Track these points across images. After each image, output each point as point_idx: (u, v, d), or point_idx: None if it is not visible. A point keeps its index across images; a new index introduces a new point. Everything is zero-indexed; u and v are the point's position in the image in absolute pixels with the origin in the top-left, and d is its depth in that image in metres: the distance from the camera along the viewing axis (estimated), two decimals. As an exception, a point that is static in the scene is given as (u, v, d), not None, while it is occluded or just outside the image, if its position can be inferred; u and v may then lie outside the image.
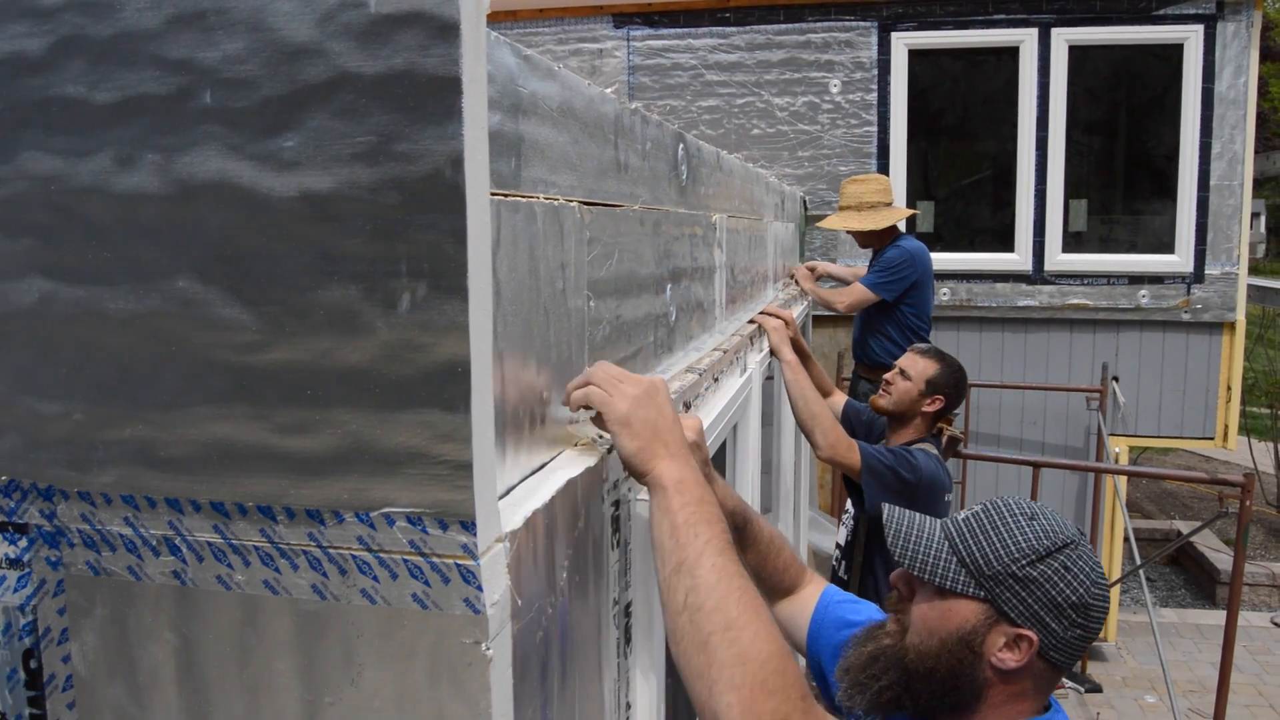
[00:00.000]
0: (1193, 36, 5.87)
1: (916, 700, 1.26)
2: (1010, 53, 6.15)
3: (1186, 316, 6.09)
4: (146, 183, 0.79)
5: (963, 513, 1.33)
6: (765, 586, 1.59)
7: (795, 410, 2.96)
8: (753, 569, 1.53)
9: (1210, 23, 5.84)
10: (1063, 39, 6.03)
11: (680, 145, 1.85)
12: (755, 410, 2.61)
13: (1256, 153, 6.60)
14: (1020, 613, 1.22)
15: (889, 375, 3.12)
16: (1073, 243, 6.25)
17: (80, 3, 0.78)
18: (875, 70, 6.25)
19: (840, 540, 3.36)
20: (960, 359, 3.19)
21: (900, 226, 4.84)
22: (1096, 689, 5.73)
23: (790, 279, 4.62)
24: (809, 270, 4.81)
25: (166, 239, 0.79)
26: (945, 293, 6.23)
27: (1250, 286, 7.59)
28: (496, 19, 6.41)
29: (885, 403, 3.09)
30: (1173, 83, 6.01)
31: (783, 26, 6.32)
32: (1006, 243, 6.28)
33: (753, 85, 6.40)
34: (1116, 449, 6.24)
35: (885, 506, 1.38)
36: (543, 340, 1.05)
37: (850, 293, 4.68)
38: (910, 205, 6.16)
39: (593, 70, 6.48)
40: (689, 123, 6.40)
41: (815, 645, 1.58)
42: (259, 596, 0.82)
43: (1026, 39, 6.06)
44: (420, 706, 0.79)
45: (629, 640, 1.31)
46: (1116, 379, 6.25)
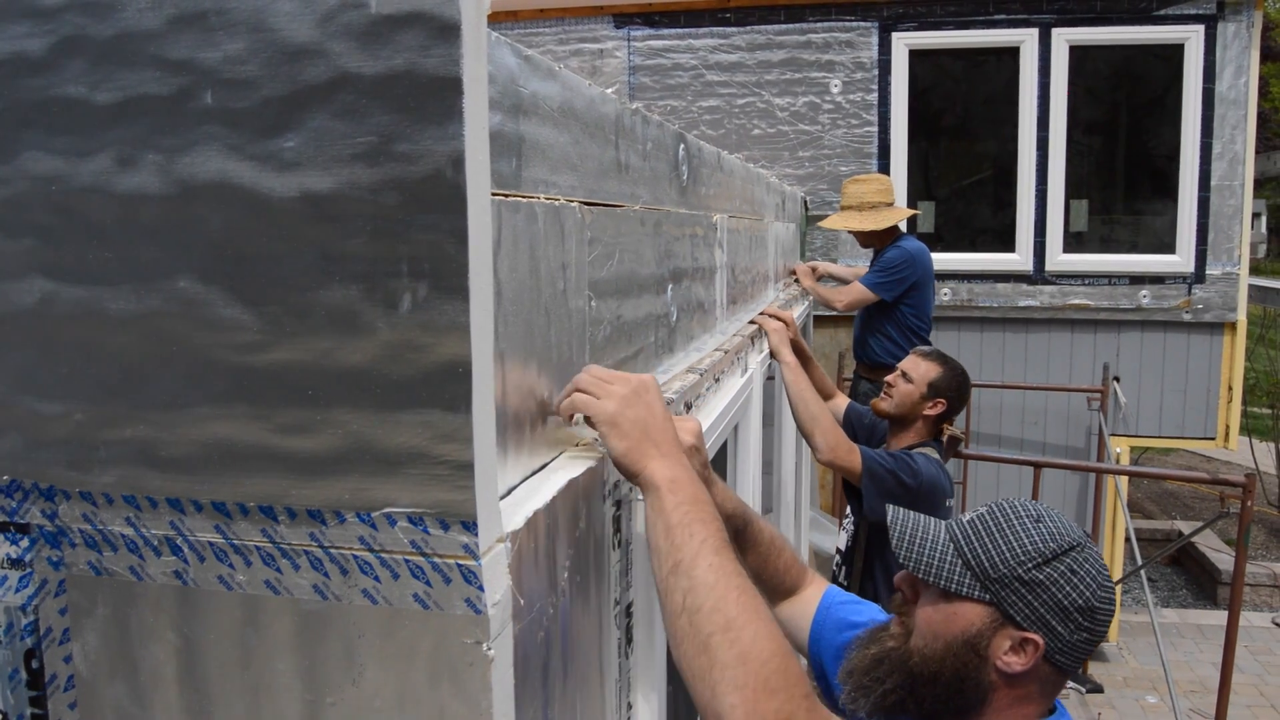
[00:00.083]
0: (1193, 36, 5.87)
1: (921, 704, 1.25)
2: (1011, 53, 6.15)
3: (1188, 317, 6.09)
4: (147, 183, 0.79)
5: (968, 515, 1.32)
6: (766, 588, 1.58)
7: (795, 412, 2.94)
8: (753, 571, 1.52)
9: (1211, 23, 5.84)
10: (1063, 39, 6.03)
11: (681, 145, 1.85)
12: (756, 410, 2.61)
13: (1257, 153, 6.60)
14: (1026, 616, 1.21)
15: (890, 378, 3.09)
16: (1074, 243, 6.25)
17: (81, 3, 0.78)
18: (876, 70, 6.25)
19: (840, 545, 3.33)
20: (961, 359, 3.17)
21: (902, 227, 4.84)
22: (1098, 689, 5.72)
23: (791, 276, 4.62)
24: (810, 269, 4.81)
25: (167, 239, 0.79)
26: (946, 293, 6.23)
27: (1251, 286, 7.59)
28: (497, 19, 6.41)
29: (886, 406, 3.07)
30: (1173, 83, 6.01)
31: (783, 27, 6.33)
32: (1007, 243, 6.28)
33: (753, 85, 6.40)
34: (1117, 449, 6.24)
35: (890, 508, 1.37)
36: (544, 340, 1.05)
37: (849, 292, 4.69)
38: (911, 205, 6.16)
39: (593, 70, 6.48)
40: (690, 123, 6.40)
41: (817, 647, 1.58)
42: (260, 596, 0.82)
43: (1027, 39, 6.06)
44: (421, 706, 0.79)
45: (630, 640, 1.31)
46: (1118, 379, 6.25)
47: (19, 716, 0.90)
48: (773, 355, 2.95)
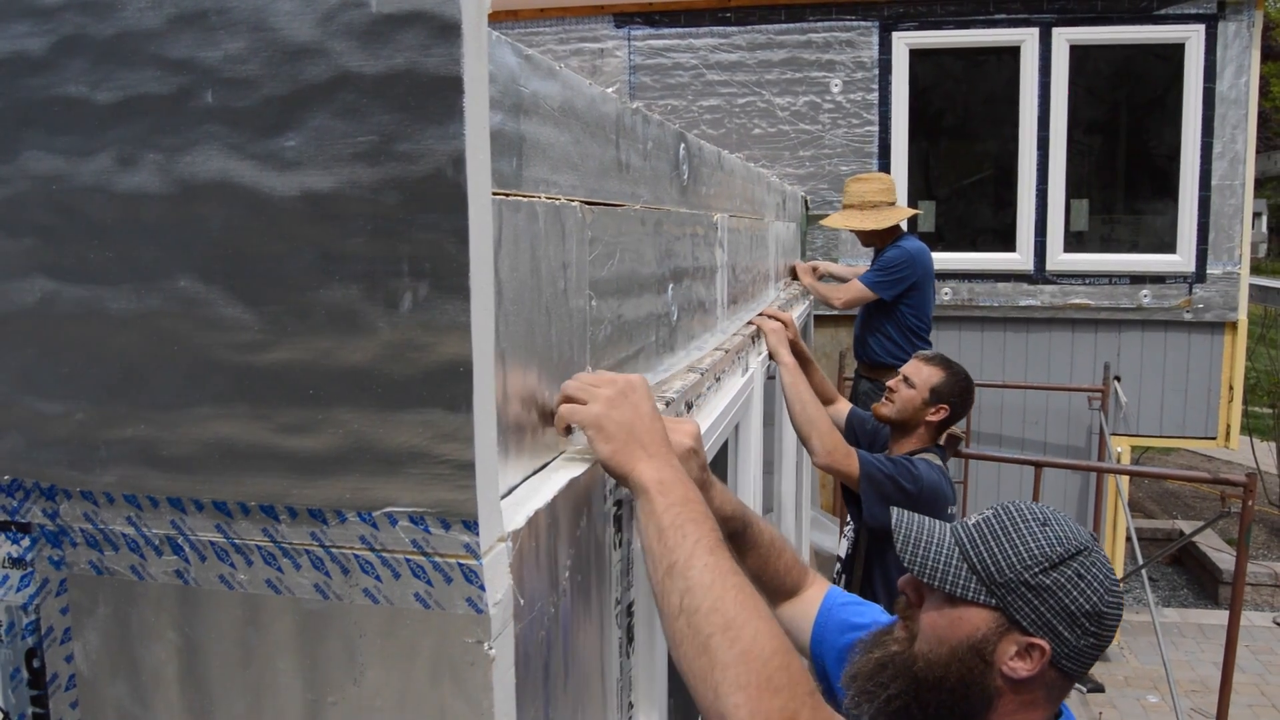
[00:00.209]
0: (1194, 36, 5.87)
1: (925, 709, 1.24)
2: (1011, 52, 6.14)
3: (1188, 316, 6.09)
4: (148, 182, 0.79)
5: (973, 518, 1.31)
6: (767, 589, 1.56)
7: (792, 415, 2.90)
8: (754, 572, 1.51)
9: (1211, 22, 5.84)
10: (1064, 39, 6.02)
11: (681, 145, 1.85)
12: (757, 410, 2.61)
13: (1258, 152, 6.60)
14: (1032, 621, 1.20)
15: (892, 382, 3.03)
16: (1074, 242, 6.25)
17: (81, 2, 0.78)
18: (876, 70, 6.25)
19: (841, 553, 3.29)
20: (962, 359, 3.14)
21: (903, 226, 4.84)
22: (1099, 689, 5.72)
23: (791, 274, 4.62)
24: (810, 268, 4.81)
25: (168, 239, 0.79)
26: (947, 292, 6.23)
27: (1252, 286, 7.59)
28: (498, 19, 6.41)
29: (888, 411, 3.01)
30: (1174, 82, 6.01)
31: (784, 26, 6.33)
32: (1008, 242, 6.28)
33: (754, 85, 6.40)
34: (1118, 449, 6.23)
35: (894, 511, 1.36)
36: (544, 340, 1.05)
37: (848, 290, 4.69)
38: (912, 205, 6.16)
39: (594, 70, 6.48)
40: (690, 122, 6.40)
41: (819, 648, 1.57)
42: (261, 596, 0.82)
43: (1028, 38, 6.06)
44: (422, 706, 0.79)
45: (631, 640, 1.31)
46: (1118, 379, 6.25)
47: (20, 716, 0.90)
48: (771, 356, 2.91)
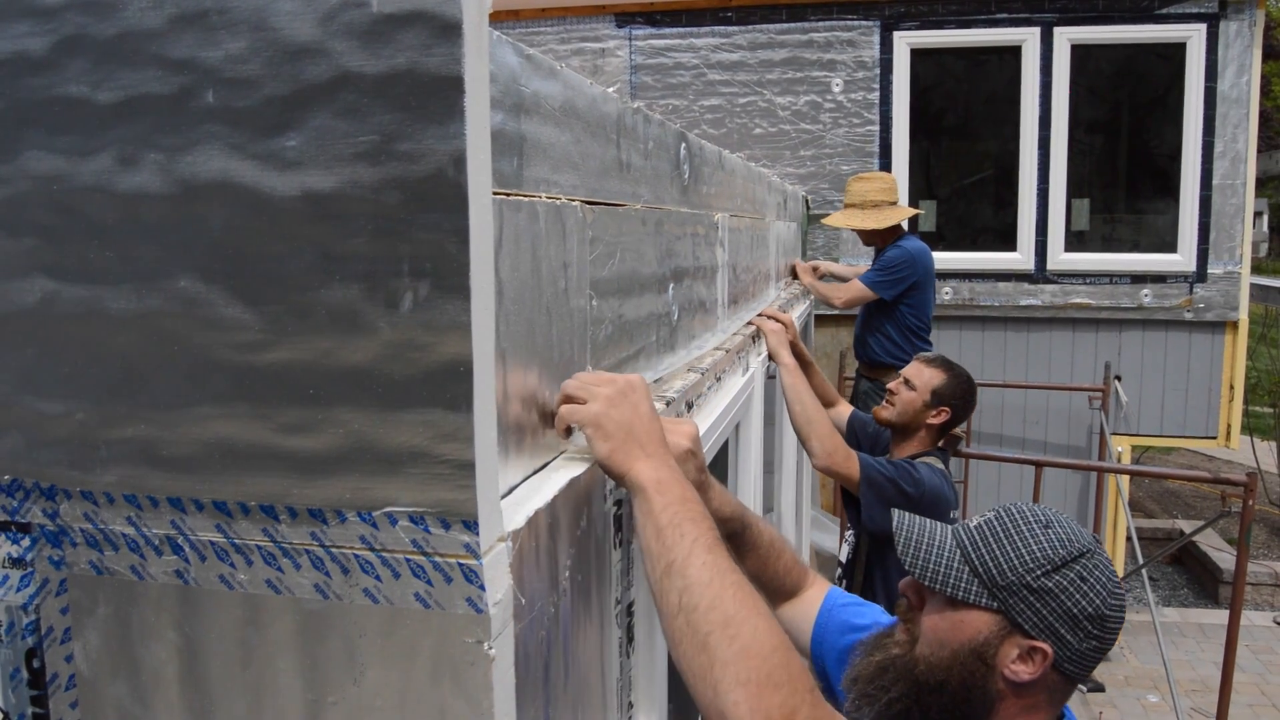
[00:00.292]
0: (1195, 35, 5.86)
1: (926, 712, 1.23)
2: (1013, 52, 6.14)
3: (1189, 316, 6.08)
4: (149, 182, 0.79)
5: (975, 519, 1.30)
6: (767, 590, 1.55)
7: (791, 416, 2.87)
8: (753, 573, 1.50)
9: (1213, 21, 5.84)
10: (1065, 38, 6.02)
11: (682, 144, 1.85)
12: (758, 409, 2.61)
13: (1259, 152, 6.60)
14: (1034, 624, 1.19)
15: (893, 385, 3.00)
16: (1075, 242, 6.25)
17: (82, 2, 0.78)
18: (877, 69, 6.24)
19: (842, 559, 3.26)
20: (962, 358, 3.13)
21: (904, 226, 4.84)
22: (1099, 688, 5.72)
23: (791, 274, 4.62)
24: (811, 268, 4.81)
25: (168, 238, 0.79)
26: (947, 292, 6.22)
27: (1253, 285, 7.58)
28: (499, 18, 6.41)
29: (888, 414, 2.98)
30: (1175, 82, 6.01)
31: (785, 26, 6.32)
32: (1009, 242, 6.28)
33: (755, 84, 6.40)
34: (1119, 448, 6.23)
35: (895, 513, 1.35)
36: (545, 340, 1.05)
37: (848, 289, 4.69)
38: (913, 204, 6.16)
39: (595, 70, 6.48)
40: (691, 122, 6.40)
41: (819, 649, 1.56)
42: (261, 596, 0.82)
43: (1029, 38, 6.06)
44: (423, 706, 0.79)
45: (632, 640, 1.31)
46: (1119, 378, 6.25)
47: (20, 716, 0.90)
48: (770, 357, 2.89)
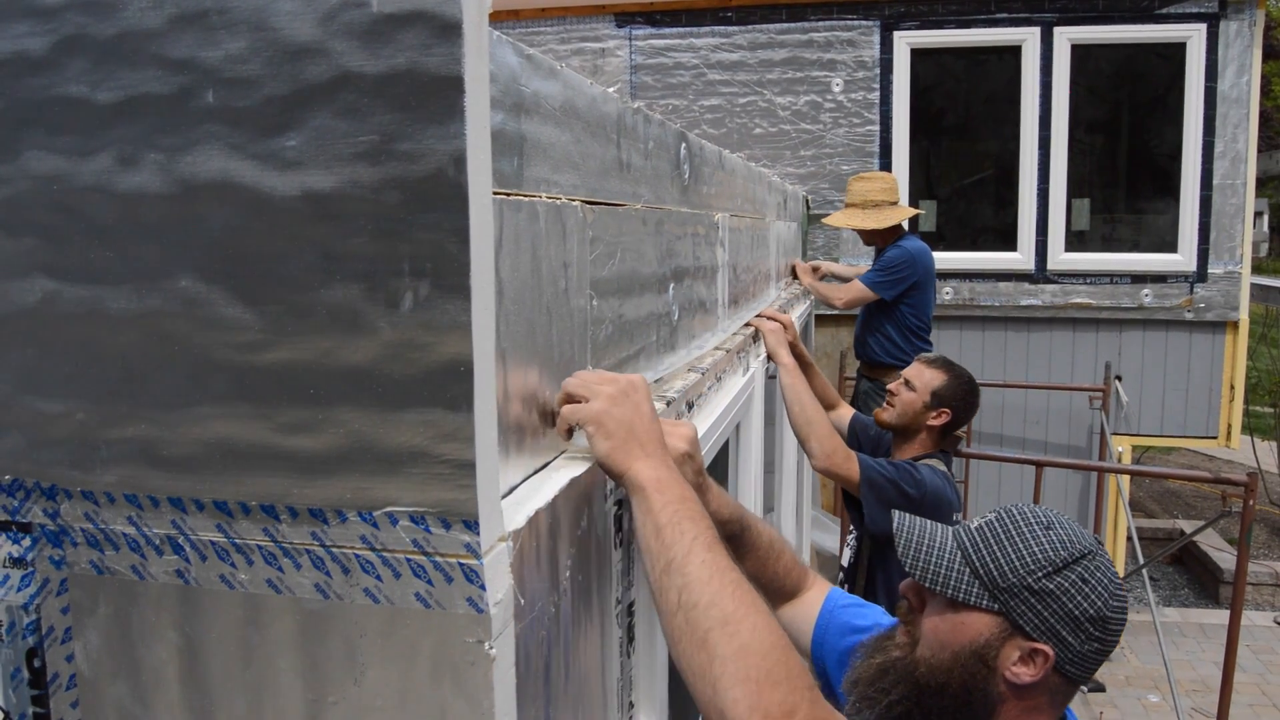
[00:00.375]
0: (1195, 35, 5.86)
1: (927, 715, 1.23)
2: (1013, 52, 6.14)
3: (1189, 315, 6.08)
4: (149, 182, 0.79)
5: (975, 521, 1.29)
6: (767, 592, 1.55)
7: (790, 417, 2.85)
8: (753, 575, 1.49)
9: (1213, 21, 5.84)
10: (1065, 38, 6.02)
11: (683, 144, 1.85)
12: (758, 409, 2.61)
13: (1259, 151, 6.60)
14: (1036, 626, 1.18)
15: (893, 386, 2.98)
16: (1075, 242, 6.25)
17: (82, 2, 0.78)
18: (878, 69, 6.24)
19: (844, 562, 3.25)
20: (963, 358, 3.11)
21: (904, 226, 4.84)
22: (1099, 688, 5.72)
23: (792, 274, 4.62)
24: (811, 268, 4.81)
25: (169, 238, 0.79)
26: (948, 292, 6.22)
27: (1253, 285, 7.59)
28: (499, 18, 6.41)
29: (888, 415, 2.96)
30: (1175, 81, 6.01)
31: (785, 26, 6.33)
32: (1009, 242, 6.28)
33: (755, 84, 6.40)
34: (1119, 448, 6.23)
35: (895, 514, 1.35)
36: (545, 340, 1.05)
37: (849, 289, 4.69)
38: (913, 204, 6.16)
39: (595, 69, 6.48)
40: (691, 122, 6.40)
41: (820, 651, 1.56)
42: (262, 595, 0.82)
43: (1029, 38, 6.06)
44: (423, 706, 0.79)
45: (632, 640, 1.31)
46: (1119, 378, 6.25)
47: (21, 715, 0.90)
48: (770, 357, 2.88)
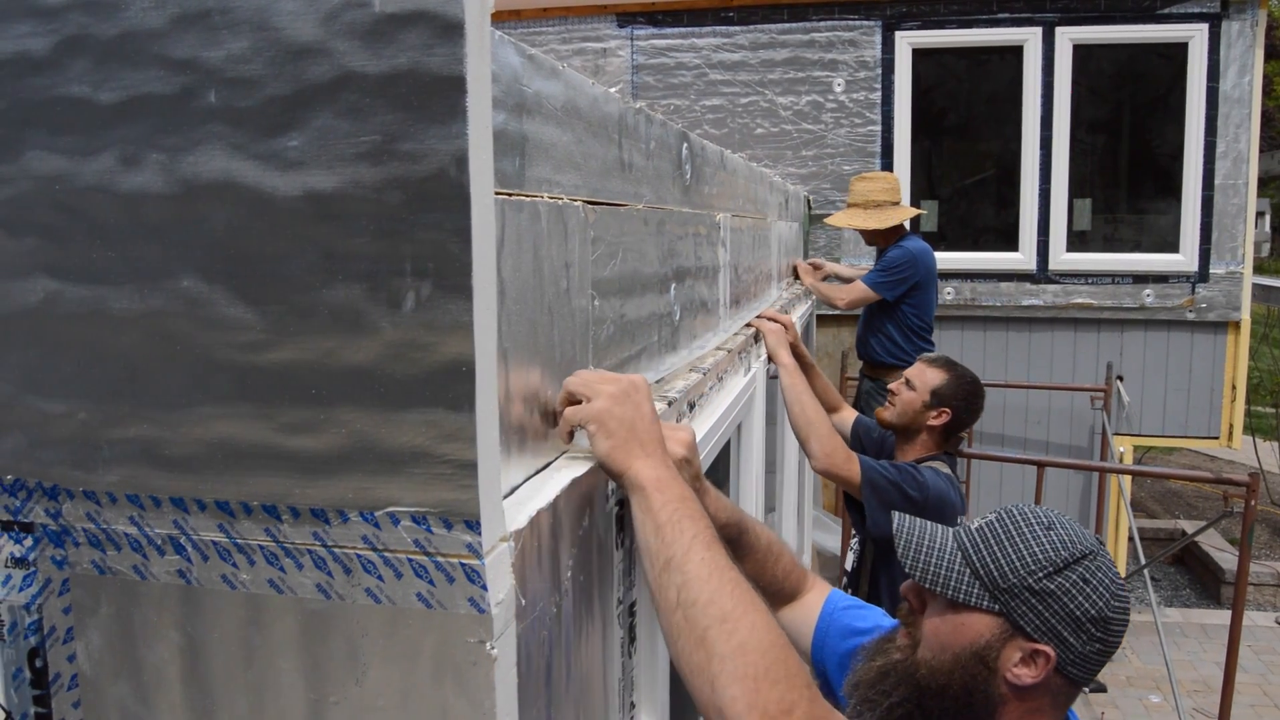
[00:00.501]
0: (1197, 35, 5.86)
1: (928, 717, 1.22)
2: (1014, 52, 6.14)
3: (1191, 316, 6.08)
4: (151, 182, 0.79)
5: (976, 521, 1.29)
6: (766, 594, 1.52)
7: (791, 417, 2.84)
8: (752, 577, 1.48)
9: (1215, 21, 5.83)
10: (1067, 38, 6.02)
11: (684, 144, 1.85)
12: (759, 409, 2.60)
13: (1261, 152, 6.59)
14: (1037, 627, 1.18)
15: (893, 385, 2.97)
16: (1077, 242, 6.25)
17: (85, 2, 0.78)
18: (879, 69, 6.24)
19: (847, 566, 3.24)
20: (964, 358, 3.09)
21: (906, 226, 4.84)
22: (1101, 688, 5.72)
23: (793, 274, 4.62)
24: (811, 268, 4.81)
25: (171, 238, 0.79)
26: (949, 292, 6.22)
27: (1255, 286, 7.58)
28: (500, 18, 6.41)
29: (888, 415, 2.94)
30: (1177, 81, 6.00)
31: (786, 26, 6.32)
32: (1010, 242, 6.27)
33: (756, 84, 6.40)
34: (1121, 448, 6.23)
35: (896, 515, 1.34)
36: (547, 340, 1.05)
37: (851, 290, 4.69)
38: (914, 204, 6.15)
39: (596, 70, 6.48)
40: (693, 122, 6.40)
41: (820, 654, 1.55)
42: (264, 595, 0.82)
43: (1030, 38, 6.05)
44: (424, 705, 0.79)
45: (634, 640, 1.31)
46: (1121, 378, 6.24)
47: (23, 715, 0.90)
48: (770, 358, 2.87)
